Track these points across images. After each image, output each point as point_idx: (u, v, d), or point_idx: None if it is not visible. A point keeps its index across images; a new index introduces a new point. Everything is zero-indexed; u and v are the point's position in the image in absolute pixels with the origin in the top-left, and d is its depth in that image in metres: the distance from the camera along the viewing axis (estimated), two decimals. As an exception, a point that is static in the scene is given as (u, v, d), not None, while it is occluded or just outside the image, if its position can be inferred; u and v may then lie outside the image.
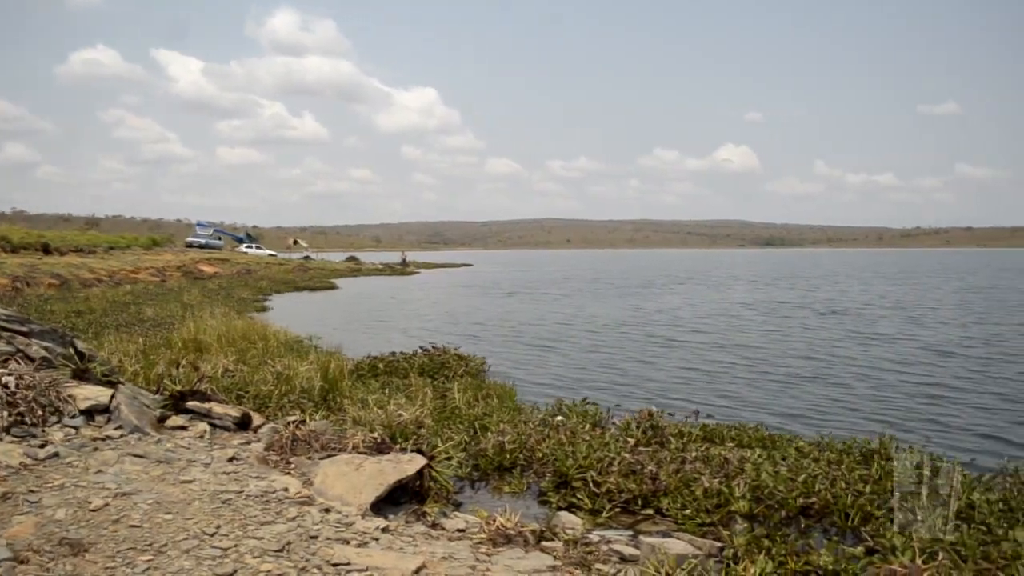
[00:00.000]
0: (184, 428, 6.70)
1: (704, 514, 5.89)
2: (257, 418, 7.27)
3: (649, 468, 6.61)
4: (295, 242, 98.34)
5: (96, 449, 5.69)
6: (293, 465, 5.94)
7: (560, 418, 9.14)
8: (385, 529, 4.74)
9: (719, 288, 47.28)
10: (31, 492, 4.61)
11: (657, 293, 42.12)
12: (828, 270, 79.21)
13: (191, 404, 7.08)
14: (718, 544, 5.20)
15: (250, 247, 78.77)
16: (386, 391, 10.31)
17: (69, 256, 38.69)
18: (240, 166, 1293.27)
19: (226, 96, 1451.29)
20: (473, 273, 74.69)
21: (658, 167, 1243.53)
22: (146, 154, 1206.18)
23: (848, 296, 38.10)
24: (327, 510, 4.91)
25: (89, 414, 6.36)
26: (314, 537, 4.38)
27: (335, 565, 4.00)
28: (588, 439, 7.77)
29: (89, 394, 6.57)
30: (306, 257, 79.44)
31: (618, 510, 6.15)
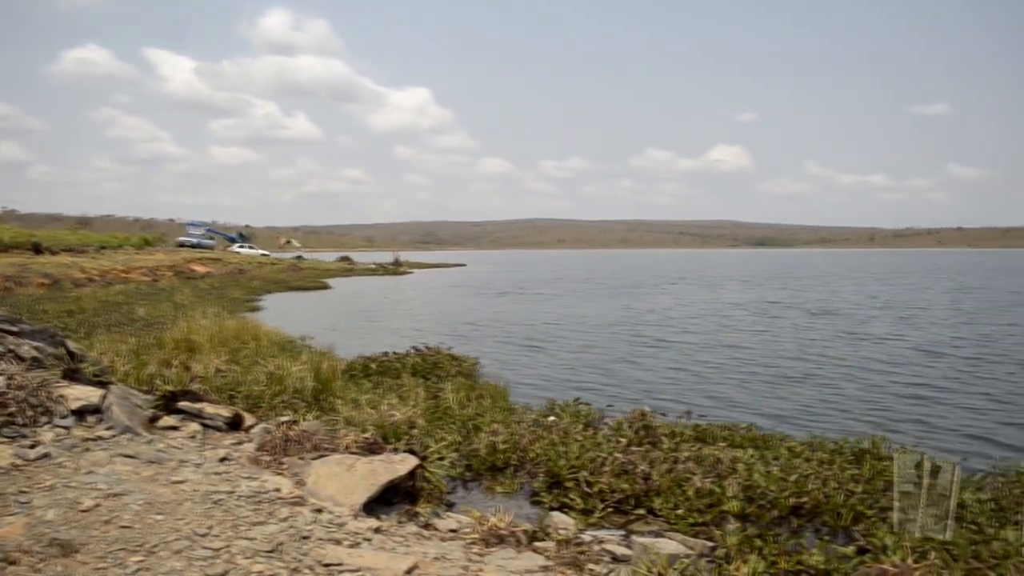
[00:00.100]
0: (175, 428, 6.67)
1: (696, 514, 5.90)
2: (249, 418, 7.24)
3: (641, 468, 6.61)
4: (287, 242, 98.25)
5: (87, 449, 5.67)
6: (285, 465, 5.93)
7: (552, 418, 9.15)
8: (377, 529, 4.73)
9: (711, 288, 47.36)
10: (21, 493, 4.58)
11: (648, 293, 42.18)
12: (820, 270, 79.43)
13: (182, 404, 7.05)
14: (710, 544, 5.21)
15: (242, 247, 78.61)
16: (379, 391, 10.31)
17: (60, 256, 38.52)
18: (233, 165, 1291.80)
19: (219, 95, 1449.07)
20: (466, 273, 74.67)
21: (650, 167, 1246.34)
22: (138, 153, 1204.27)
23: (839, 296, 38.22)
24: (319, 510, 4.90)
25: (80, 414, 6.33)
26: (306, 538, 4.37)
27: (327, 566, 3.99)
28: (580, 439, 7.78)
29: (80, 394, 6.54)
30: (298, 257, 79.28)
31: (610, 510, 6.15)
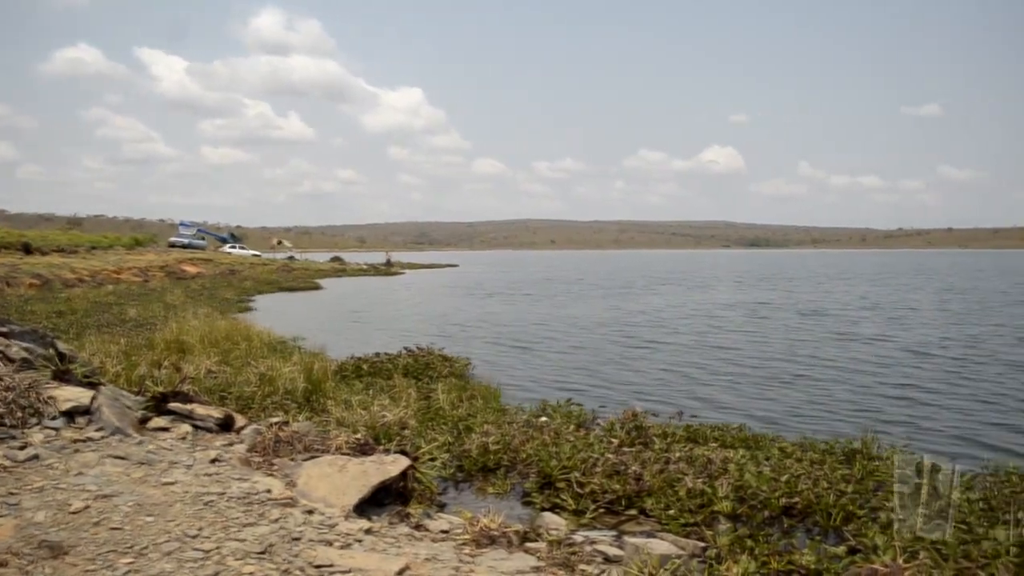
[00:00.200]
0: (166, 429, 6.66)
1: (688, 514, 5.90)
2: (240, 419, 7.23)
3: (633, 469, 6.62)
4: (279, 242, 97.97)
5: (77, 451, 5.65)
6: (276, 466, 5.92)
7: (544, 419, 9.15)
8: (368, 530, 4.73)
9: (702, 289, 47.45)
10: (10, 494, 4.56)
11: (640, 294, 42.21)
12: (812, 271, 79.68)
13: (173, 405, 7.03)
14: (701, 544, 5.21)
15: (234, 247, 78.37)
16: (370, 392, 10.29)
17: (51, 256, 38.38)
18: (225, 166, 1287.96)
19: (210, 95, 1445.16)
20: (458, 274, 74.63)
21: (643, 168, 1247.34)
22: (129, 153, 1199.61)
23: (831, 297, 38.34)
24: (310, 511, 4.89)
25: (70, 415, 6.31)
26: (297, 539, 4.36)
27: (318, 567, 3.98)
28: (572, 440, 7.78)
29: (70, 395, 6.51)
30: (290, 257, 79.08)
31: (602, 511, 6.15)
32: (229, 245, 79.80)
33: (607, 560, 4.73)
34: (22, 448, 5.41)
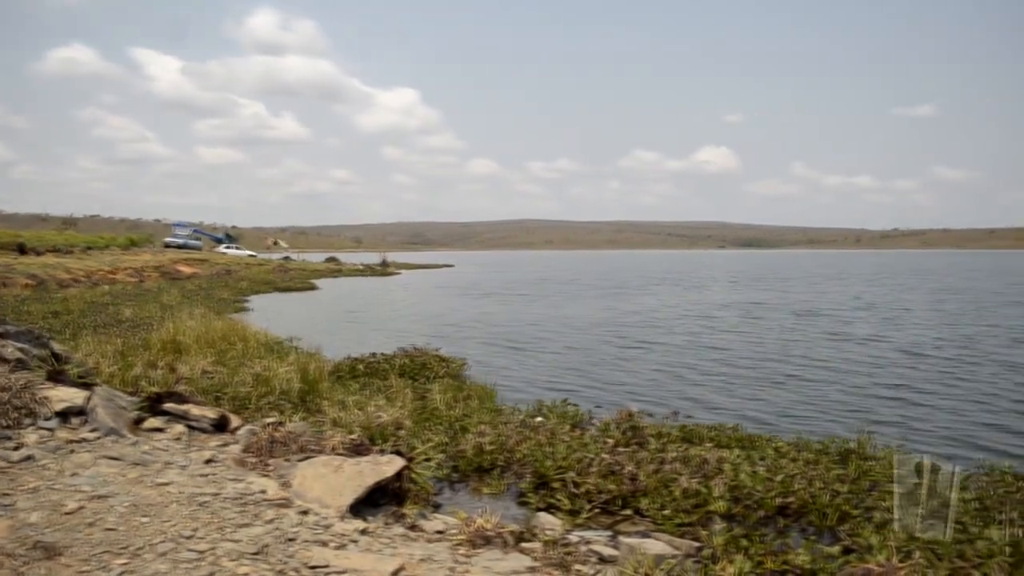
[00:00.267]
0: (161, 430, 6.64)
1: (683, 514, 5.91)
2: (235, 420, 7.22)
3: (628, 469, 6.62)
4: (275, 243, 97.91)
5: (71, 451, 5.63)
6: (271, 467, 5.91)
7: (540, 419, 9.16)
8: (364, 531, 4.72)
9: (697, 289, 47.49)
10: (4, 495, 4.55)
11: (634, 294, 42.24)
12: (806, 271, 79.78)
13: (168, 406, 7.01)
14: (696, 544, 5.22)
15: (229, 247, 78.29)
16: (366, 393, 10.29)
17: (46, 256, 38.27)
18: (220, 166, 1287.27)
19: (205, 95, 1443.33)
20: (453, 274, 74.62)
21: (638, 168, 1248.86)
22: (124, 153, 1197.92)
23: (825, 297, 38.41)
24: (305, 512, 4.88)
25: (64, 416, 6.29)
26: (292, 539, 4.36)
27: (313, 567, 3.98)
28: (567, 440, 7.78)
29: (64, 396, 6.50)
30: (286, 258, 79.00)
31: (597, 511, 6.15)
32: (224, 245, 79.70)
33: (602, 560, 4.74)
34: (16, 449, 5.40)
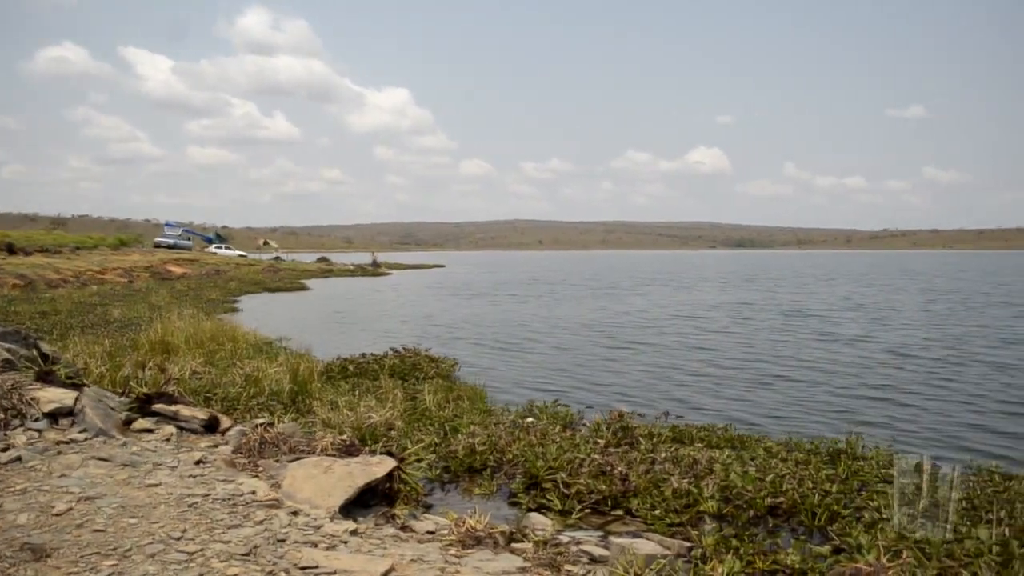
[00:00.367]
0: (150, 431, 6.62)
1: (673, 514, 5.92)
2: (225, 420, 7.20)
3: (619, 469, 6.63)
4: (265, 243, 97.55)
5: (60, 452, 5.61)
6: (261, 468, 5.89)
7: (531, 419, 9.16)
8: (354, 532, 4.72)
9: (688, 290, 47.57)
10: (-8, 497, 4.53)
11: (625, 295, 42.26)
12: (797, 272, 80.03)
13: (158, 407, 6.99)
14: (687, 544, 5.23)
15: (219, 248, 78.02)
16: (356, 393, 10.26)
17: (34, 256, 38.07)
18: (211, 166, 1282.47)
19: (197, 95, 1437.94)
20: (444, 274, 74.55)
21: (630, 169, 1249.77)
22: (114, 153, 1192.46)
23: (815, 297, 38.52)
24: (295, 513, 4.87)
25: (53, 417, 6.27)
26: (282, 540, 4.35)
27: (303, 568, 3.97)
28: (558, 440, 7.78)
29: (53, 397, 6.47)
30: (276, 258, 78.80)
31: (588, 511, 6.16)
32: (215, 245, 79.42)
33: (593, 560, 4.74)
34: (4, 450, 5.38)
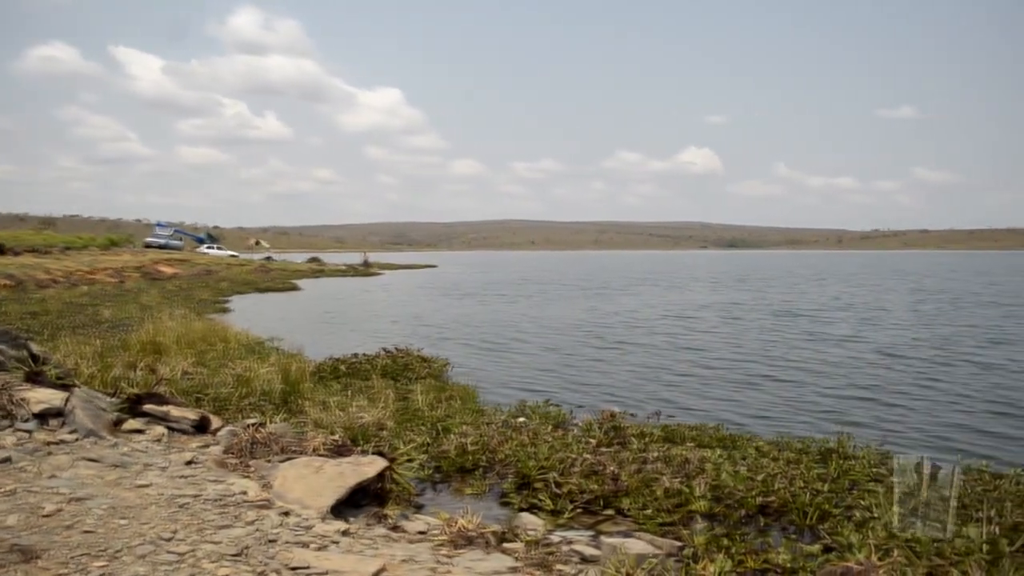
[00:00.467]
0: (141, 431, 6.60)
1: (664, 514, 5.94)
2: (216, 421, 7.18)
3: (610, 469, 6.64)
4: (256, 243, 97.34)
5: (49, 453, 5.59)
6: (252, 468, 5.88)
7: (522, 419, 9.17)
8: (345, 532, 4.71)
9: (679, 290, 47.64)
10: (-19, 498, 4.51)
11: (616, 295, 42.28)
12: (788, 272, 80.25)
13: (148, 407, 6.97)
14: (678, 543, 5.24)
15: (210, 248, 77.78)
16: (348, 393, 10.25)
17: (24, 256, 37.91)
18: (201, 166, 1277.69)
19: (187, 95, 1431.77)
20: (436, 274, 74.48)
21: (621, 169, 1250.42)
22: (105, 153, 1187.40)
23: (805, 297, 38.62)
24: (286, 513, 4.86)
25: (42, 418, 6.24)
26: (272, 541, 4.34)
27: (294, 569, 3.96)
28: (550, 440, 7.80)
29: (42, 397, 6.44)
30: (268, 258, 78.59)
31: (579, 511, 6.17)
32: (206, 245, 79.19)
33: (584, 560, 4.75)
34: (-7, 451, 5.35)
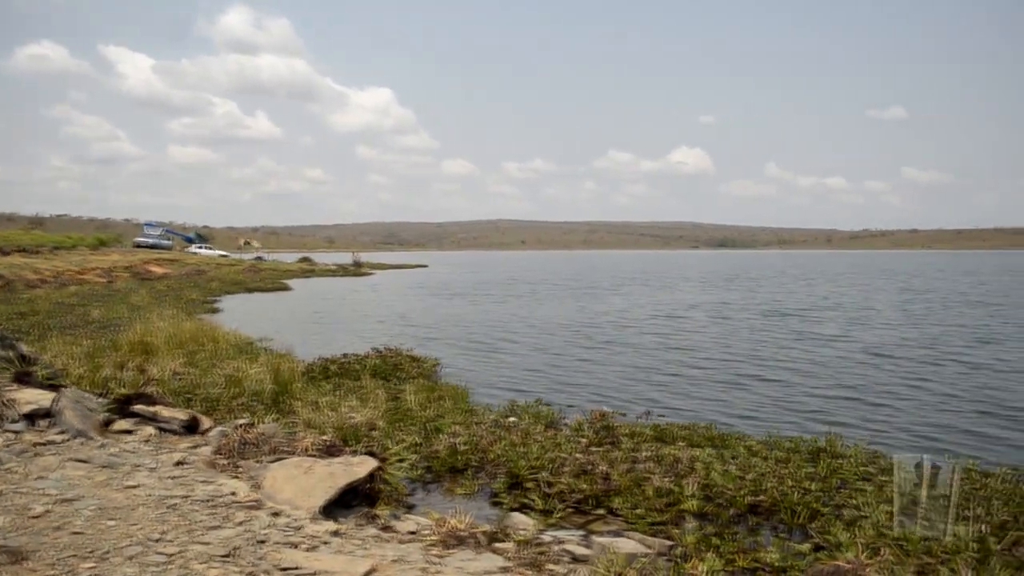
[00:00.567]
0: (130, 432, 6.57)
1: (655, 513, 5.95)
2: (206, 421, 7.15)
3: (601, 468, 6.65)
4: (247, 242, 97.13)
5: (38, 454, 5.56)
6: (242, 469, 5.86)
7: (513, 419, 9.17)
8: (335, 532, 4.70)
9: (669, 289, 47.71)
10: (-32, 499, 4.48)
11: (606, 295, 42.31)
12: (778, 271, 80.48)
13: (137, 407, 6.94)
14: (668, 542, 5.25)
15: (200, 247, 77.57)
16: (338, 393, 10.24)
17: (12, 256, 37.70)
18: (192, 165, 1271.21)
19: (178, 94, 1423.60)
20: (426, 274, 74.41)
21: (613, 168, 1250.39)
22: (94, 152, 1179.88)
23: (794, 297, 38.73)
24: (276, 514, 4.85)
25: (31, 418, 6.21)
26: (262, 541, 4.33)
27: (284, 569, 3.95)
28: (541, 440, 7.80)
29: (31, 398, 6.41)
30: (258, 258, 78.42)
31: (570, 510, 6.18)
32: (196, 245, 78.96)
33: (575, 559, 4.75)
34: (-19, 452, 5.32)
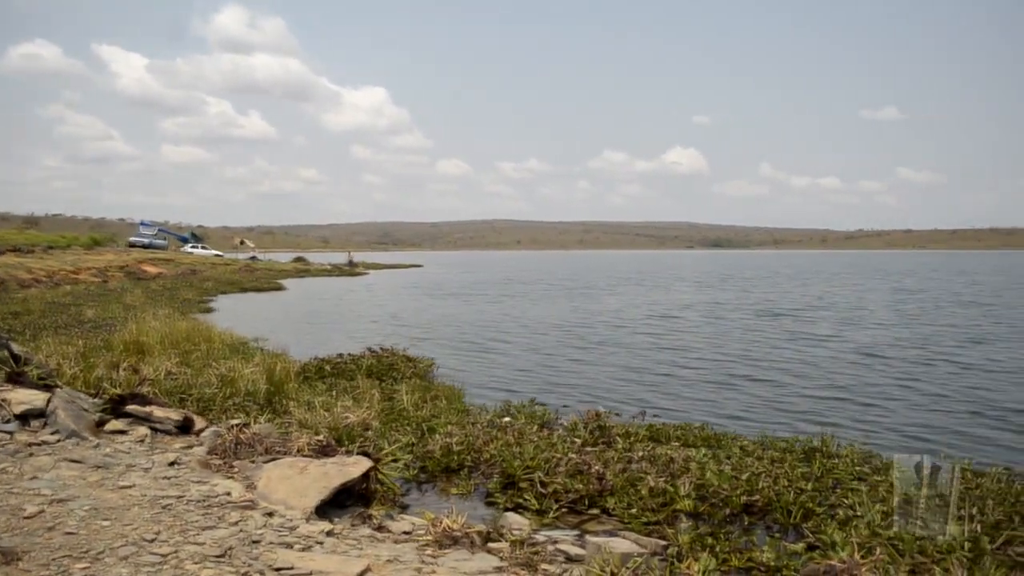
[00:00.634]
0: (124, 432, 6.55)
1: (649, 513, 5.95)
2: (200, 421, 7.14)
3: (596, 468, 6.65)
4: (241, 242, 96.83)
5: (31, 454, 5.54)
6: (236, 469, 5.85)
7: (508, 419, 9.17)
8: (329, 532, 4.70)
9: (663, 289, 47.75)
10: (-39, 500, 4.47)
11: (600, 294, 42.33)
12: (772, 271, 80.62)
13: (131, 408, 6.92)
14: (663, 542, 5.26)
15: (195, 247, 77.39)
16: (333, 393, 10.22)
17: (6, 256, 37.55)
18: (186, 164, 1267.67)
19: (172, 93, 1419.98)
20: (421, 274, 74.38)
21: (608, 169, 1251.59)
22: (88, 152, 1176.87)
23: (788, 297, 38.80)
24: (270, 514, 4.84)
25: (24, 418, 6.19)
26: (256, 542, 4.32)
27: (278, 570, 3.94)
28: (535, 440, 7.80)
29: (24, 398, 6.39)
30: (252, 258, 78.32)
31: (565, 510, 6.18)
32: (190, 245, 78.77)
33: (569, 559, 4.75)
34: (-27, 452, 5.30)
